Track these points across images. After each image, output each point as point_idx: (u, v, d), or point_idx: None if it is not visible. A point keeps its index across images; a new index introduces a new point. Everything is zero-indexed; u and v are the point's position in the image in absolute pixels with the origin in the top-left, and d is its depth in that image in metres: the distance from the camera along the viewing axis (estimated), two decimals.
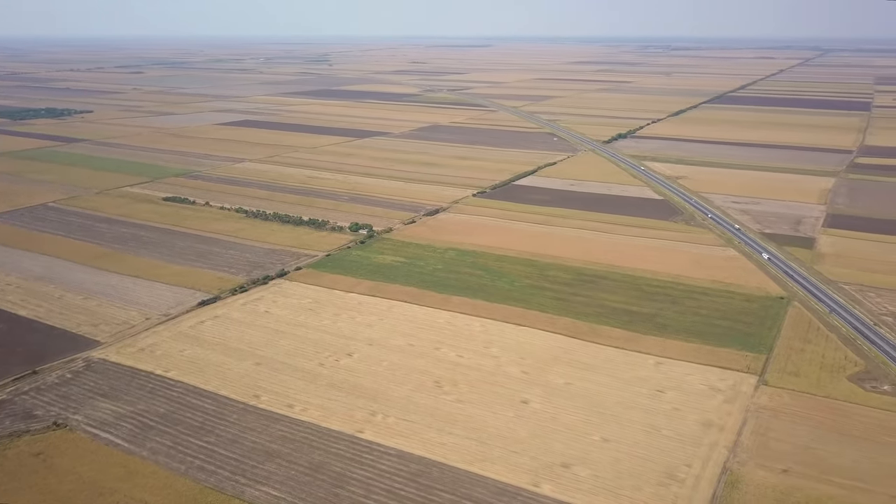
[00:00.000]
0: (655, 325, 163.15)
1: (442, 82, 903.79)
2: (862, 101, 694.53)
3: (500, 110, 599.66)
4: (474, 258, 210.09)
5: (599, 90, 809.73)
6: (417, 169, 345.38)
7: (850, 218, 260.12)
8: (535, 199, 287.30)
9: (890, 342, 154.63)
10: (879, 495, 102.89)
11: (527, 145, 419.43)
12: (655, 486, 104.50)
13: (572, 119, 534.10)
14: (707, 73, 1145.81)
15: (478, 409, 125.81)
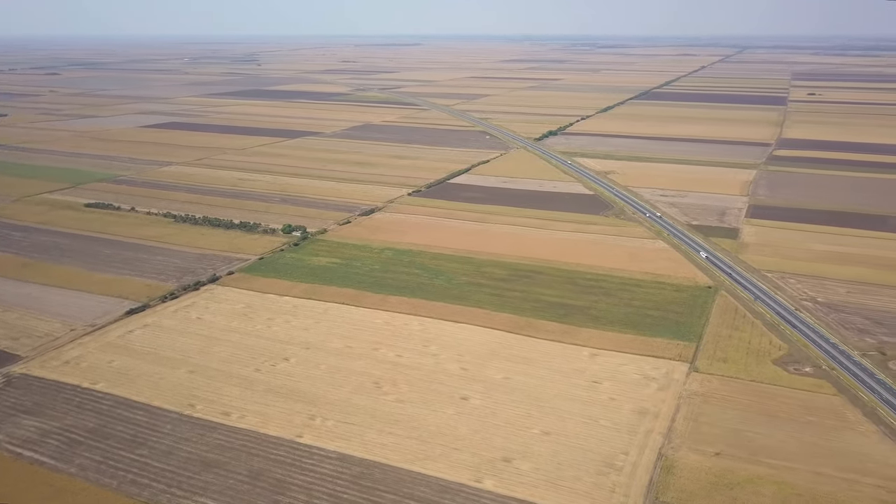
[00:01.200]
0: (590, 317, 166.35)
1: (373, 81, 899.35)
2: (778, 95, 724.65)
3: (433, 109, 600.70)
4: (411, 257, 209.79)
5: (530, 88, 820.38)
6: (351, 169, 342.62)
7: (770, 208, 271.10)
8: (469, 196, 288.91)
9: (810, 326, 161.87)
10: (804, 472, 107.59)
11: (460, 144, 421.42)
12: (595, 476, 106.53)
13: (504, 117, 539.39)
14: (633, 70, 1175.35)
15: (418, 407, 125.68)
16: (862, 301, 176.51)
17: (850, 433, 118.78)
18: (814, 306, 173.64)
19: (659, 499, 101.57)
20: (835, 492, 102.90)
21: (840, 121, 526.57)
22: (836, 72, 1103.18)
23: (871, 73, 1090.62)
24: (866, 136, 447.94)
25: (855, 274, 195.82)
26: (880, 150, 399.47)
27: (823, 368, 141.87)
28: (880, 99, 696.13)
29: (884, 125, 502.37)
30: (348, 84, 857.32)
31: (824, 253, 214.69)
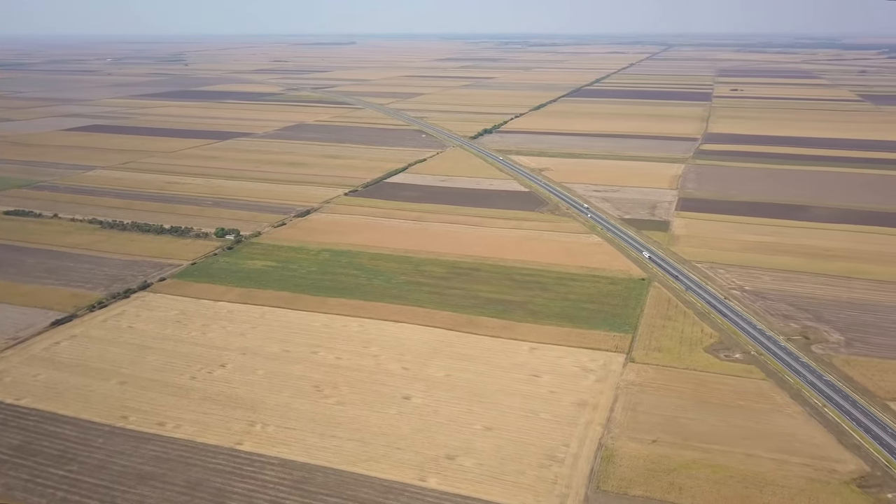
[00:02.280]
0: (529, 312, 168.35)
1: (305, 81, 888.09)
2: (703, 91, 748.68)
3: (367, 108, 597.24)
4: (349, 258, 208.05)
5: (464, 86, 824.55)
6: (285, 169, 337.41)
7: (698, 201, 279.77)
8: (406, 195, 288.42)
9: (739, 314, 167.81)
10: (736, 455, 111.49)
11: (396, 143, 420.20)
12: (537, 469, 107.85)
13: (439, 116, 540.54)
14: (563, 67, 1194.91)
15: (359, 409, 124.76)
16: (787, 288, 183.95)
17: (778, 415, 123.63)
18: (742, 295, 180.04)
19: (600, 488, 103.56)
20: (765, 472, 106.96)
21: (761, 115, 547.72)
22: (756, 68, 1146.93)
23: (788, 69, 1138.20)
24: (786, 130, 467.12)
25: (780, 262, 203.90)
26: (800, 142, 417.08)
27: (752, 354, 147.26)
28: (798, 94, 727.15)
29: (802, 119, 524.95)
30: (280, 84, 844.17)
31: (751, 243, 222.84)
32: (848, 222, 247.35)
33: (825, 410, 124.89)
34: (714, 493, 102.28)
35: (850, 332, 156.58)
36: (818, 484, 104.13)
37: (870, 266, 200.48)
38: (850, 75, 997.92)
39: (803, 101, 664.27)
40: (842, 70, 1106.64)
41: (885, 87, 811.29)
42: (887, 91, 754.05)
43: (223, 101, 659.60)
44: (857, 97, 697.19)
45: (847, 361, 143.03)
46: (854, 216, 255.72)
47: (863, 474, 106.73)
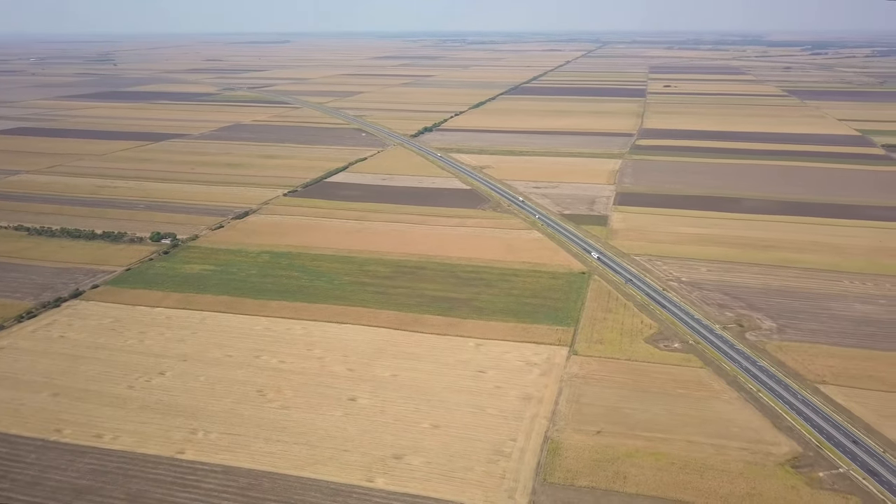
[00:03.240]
0: (473, 308, 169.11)
1: (241, 80, 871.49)
2: (638, 88, 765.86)
3: (305, 107, 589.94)
4: (290, 259, 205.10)
5: (403, 84, 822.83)
6: (222, 171, 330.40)
7: (635, 195, 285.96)
8: (348, 195, 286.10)
9: (677, 304, 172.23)
10: (677, 442, 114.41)
11: (336, 142, 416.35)
12: (485, 464, 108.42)
13: (379, 114, 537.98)
14: (502, 65, 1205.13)
15: (305, 412, 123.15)
16: (721, 278, 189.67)
17: (716, 402, 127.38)
18: (679, 285, 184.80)
19: (547, 480, 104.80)
20: (705, 457, 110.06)
21: (693, 111, 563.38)
22: (687, 65, 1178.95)
23: (718, 65, 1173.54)
24: (718, 125, 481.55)
25: (714, 253, 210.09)
26: (731, 137, 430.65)
27: (690, 343, 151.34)
28: (728, 90, 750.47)
29: (733, 114, 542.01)
30: (215, 83, 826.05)
31: (686, 235, 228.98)
32: (778, 213, 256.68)
33: (760, 395, 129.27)
34: (657, 480, 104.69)
35: (781, 319, 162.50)
36: (755, 467, 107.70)
37: (799, 255, 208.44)
38: (777, 71, 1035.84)
39: (733, 96, 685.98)
40: (768, 66, 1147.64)
41: (809, 82, 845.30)
42: (811, 86, 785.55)
43: (156, 101, 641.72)
44: (784, 92, 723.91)
45: (779, 347, 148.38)
46: (784, 207, 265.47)
47: (796, 455, 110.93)
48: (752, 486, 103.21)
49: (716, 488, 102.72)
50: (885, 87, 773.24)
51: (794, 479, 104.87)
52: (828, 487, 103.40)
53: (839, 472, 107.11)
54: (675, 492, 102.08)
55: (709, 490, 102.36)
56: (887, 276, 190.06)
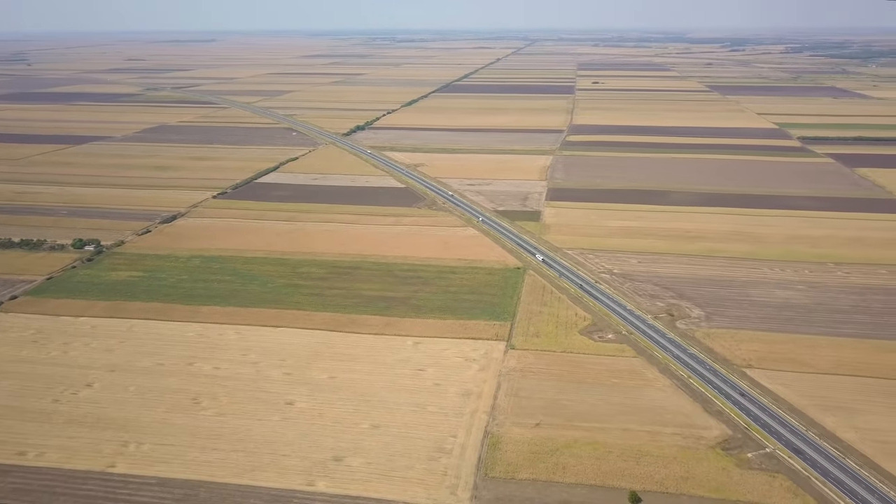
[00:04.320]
0: (411, 307, 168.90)
1: (165, 80, 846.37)
2: (567, 85, 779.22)
3: (234, 107, 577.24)
4: (222, 263, 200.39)
5: (334, 83, 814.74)
6: (147, 174, 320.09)
7: (567, 190, 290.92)
8: (280, 195, 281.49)
9: (609, 296, 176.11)
10: (614, 430, 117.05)
11: (266, 142, 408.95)
12: (426, 462, 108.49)
13: (310, 113, 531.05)
14: (432, 63, 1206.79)
15: (241, 419, 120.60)
16: (652, 269, 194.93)
17: (649, 390, 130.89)
18: (611, 277, 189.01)
19: (488, 475, 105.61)
20: (641, 444, 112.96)
21: (621, 106, 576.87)
22: (614, 62, 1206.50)
23: (643, 62, 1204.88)
24: (644, 120, 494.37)
25: (644, 245, 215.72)
26: (657, 131, 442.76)
27: (623, 334, 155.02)
28: (653, 86, 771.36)
29: (658, 109, 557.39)
30: (137, 84, 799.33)
31: (617, 228, 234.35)
32: (702, 205, 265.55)
33: (691, 382, 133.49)
34: (595, 468, 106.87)
35: (709, 307, 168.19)
36: (688, 451, 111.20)
37: (723, 245, 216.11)
38: (698, 68, 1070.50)
39: (658, 92, 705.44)
40: (690, 63, 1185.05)
41: (729, 78, 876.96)
42: (731, 82, 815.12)
43: (74, 102, 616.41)
44: (706, 88, 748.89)
45: (708, 334, 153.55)
46: (707, 199, 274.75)
47: (726, 438, 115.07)
48: (685, 469, 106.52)
49: (652, 473, 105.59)
50: (799, 83, 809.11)
51: (724, 461, 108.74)
52: (756, 467, 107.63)
53: (766, 452, 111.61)
54: (614, 479, 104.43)
55: (645, 475, 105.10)
56: (804, 263, 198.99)
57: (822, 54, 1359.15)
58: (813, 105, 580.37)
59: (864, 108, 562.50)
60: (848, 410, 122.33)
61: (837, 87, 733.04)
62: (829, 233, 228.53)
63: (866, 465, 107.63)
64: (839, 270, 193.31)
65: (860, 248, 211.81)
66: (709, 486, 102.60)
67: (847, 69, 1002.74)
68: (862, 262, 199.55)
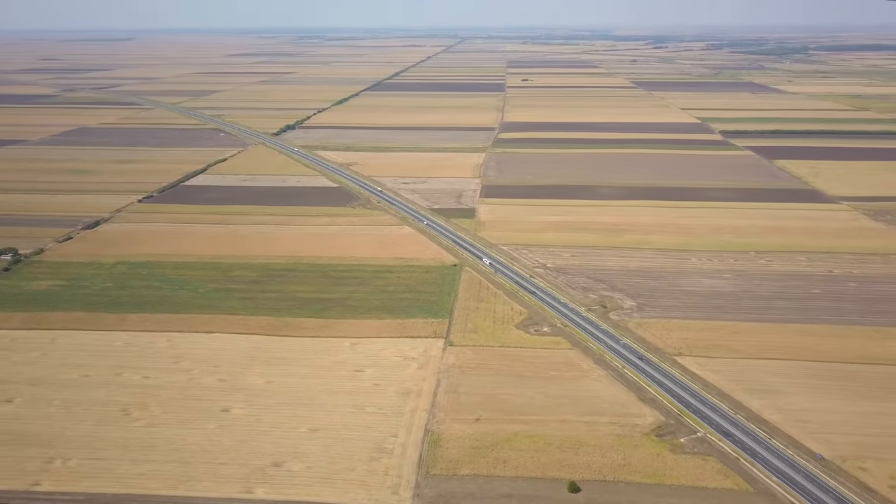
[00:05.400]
0: (348, 308, 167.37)
1: (83, 80, 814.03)
2: (497, 83, 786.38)
3: (158, 108, 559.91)
4: (149, 269, 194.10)
5: (262, 82, 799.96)
6: (67, 178, 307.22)
7: (500, 187, 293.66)
8: (209, 198, 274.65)
9: (543, 290, 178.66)
10: (552, 422, 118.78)
11: (193, 143, 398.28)
12: (367, 463, 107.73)
13: (238, 113, 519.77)
14: (363, 61, 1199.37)
15: (175, 429, 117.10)
16: (584, 263, 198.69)
17: (585, 381, 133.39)
18: (545, 272, 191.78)
19: (430, 473, 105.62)
20: (579, 435, 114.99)
21: (550, 103, 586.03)
22: (542, 59, 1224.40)
23: (571, 59, 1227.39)
24: (573, 116, 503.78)
25: (576, 239, 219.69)
26: (586, 127, 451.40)
27: (558, 326, 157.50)
28: (581, 82, 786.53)
29: (586, 105, 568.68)
30: (53, 84, 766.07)
31: (549, 223, 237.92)
32: (631, 198, 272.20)
33: (625, 371, 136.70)
34: (535, 461, 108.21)
35: (640, 298, 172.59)
36: (624, 439, 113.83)
37: (652, 237, 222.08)
38: (624, 64, 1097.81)
39: (586, 88, 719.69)
40: (616, 60, 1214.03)
41: (654, 74, 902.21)
42: (656, 78, 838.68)
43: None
44: (632, 84, 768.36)
45: (640, 324, 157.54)
46: (636, 192, 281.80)
47: (660, 424, 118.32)
48: (622, 456, 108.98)
49: (590, 463, 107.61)
50: (719, 78, 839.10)
51: (659, 447, 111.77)
52: (689, 451, 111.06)
53: (698, 436, 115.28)
54: (554, 471, 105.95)
55: (584, 465, 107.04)
56: (729, 252, 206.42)
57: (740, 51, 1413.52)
58: (733, 100, 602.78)
59: (780, 102, 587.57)
60: (773, 393, 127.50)
61: (755, 83, 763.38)
62: (752, 223, 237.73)
63: (791, 444, 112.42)
64: (762, 259, 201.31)
65: (780, 237, 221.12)
66: (645, 473, 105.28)
67: (763, 65, 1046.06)
68: (782, 249, 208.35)
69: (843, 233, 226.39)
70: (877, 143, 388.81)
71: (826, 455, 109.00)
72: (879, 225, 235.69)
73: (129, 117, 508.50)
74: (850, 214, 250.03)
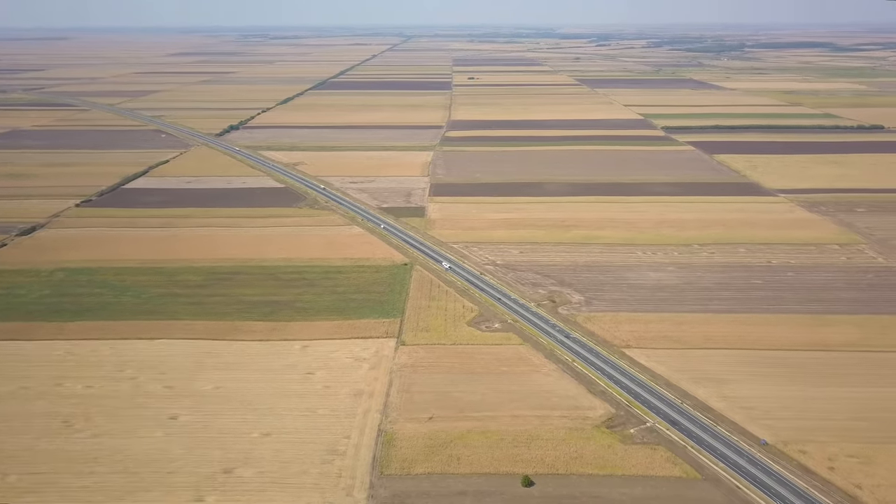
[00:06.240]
0: (297, 310, 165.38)
1: (14, 81, 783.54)
2: (444, 81, 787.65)
3: (95, 109, 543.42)
4: (90, 275, 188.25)
5: (204, 82, 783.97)
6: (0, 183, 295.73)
7: (449, 185, 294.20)
8: (150, 201, 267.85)
9: (494, 287, 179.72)
10: (504, 418, 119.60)
11: (133, 145, 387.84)
12: (320, 466, 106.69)
13: (179, 113, 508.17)
14: (308, 60, 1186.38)
15: (120, 438, 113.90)
16: (533, 259, 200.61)
17: (536, 375, 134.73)
18: (495, 269, 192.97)
19: (384, 473, 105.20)
20: (531, 429, 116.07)
21: (497, 101, 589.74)
22: (488, 57, 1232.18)
23: (516, 57, 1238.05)
24: (519, 114, 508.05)
25: (524, 236, 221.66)
26: (532, 125, 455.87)
27: (509, 322, 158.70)
28: (526, 80, 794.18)
29: (532, 103, 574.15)
30: None
31: (498, 221, 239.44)
32: (577, 194, 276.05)
33: (575, 365, 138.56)
34: (489, 457, 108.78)
35: (588, 292, 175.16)
36: (575, 432, 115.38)
37: (598, 232, 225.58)
38: (568, 62, 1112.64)
39: (531, 86, 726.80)
40: (560, 57, 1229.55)
41: (597, 71, 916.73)
42: (599, 75, 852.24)
43: None
44: (576, 81, 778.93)
45: (588, 318, 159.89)
46: (581, 188, 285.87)
47: (610, 416, 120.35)
48: (574, 449, 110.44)
49: (542, 456, 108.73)
50: (661, 75, 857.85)
51: (609, 439, 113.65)
52: (638, 441, 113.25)
53: (647, 426, 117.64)
54: (507, 466, 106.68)
55: (536, 459, 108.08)
56: (673, 246, 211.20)
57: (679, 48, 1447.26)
58: (674, 96, 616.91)
59: (719, 98, 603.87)
60: (717, 381, 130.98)
61: (695, 80, 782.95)
62: (694, 216, 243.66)
63: (736, 430, 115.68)
64: (704, 251, 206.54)
65: (721, 229, 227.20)
66: (596, 464, 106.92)
67: (702, 62, 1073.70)
68: (724, 242, 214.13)
69: (780, 224, 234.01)
70: (809, 137, 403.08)
71: (769, 440, 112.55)
72: (814, 216, 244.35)
73: (65, 119, 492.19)
74: (787, 206, 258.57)
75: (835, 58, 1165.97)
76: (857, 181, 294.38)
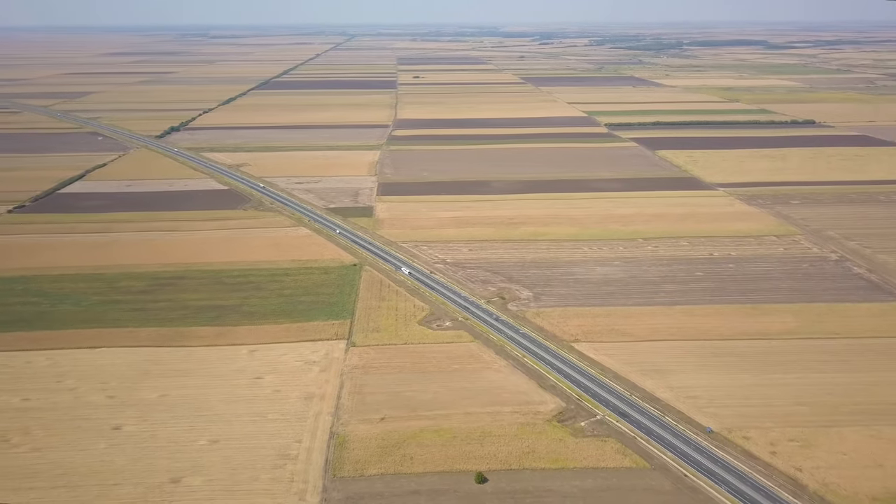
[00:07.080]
0: (244, 314, 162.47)
1: None
2: (389, 80, 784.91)
3: (27, 111, 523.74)
4: (25, 284, 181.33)
5: (142, 82, 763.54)
6: None
7: (397, 185, 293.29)
8: (88, 206, 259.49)
9: (444, 285, 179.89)
10: (457, 416, 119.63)
11: (68, 148, 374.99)
12: (271, 471, 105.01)
13: (116, 115, 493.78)
14: (250, 59, 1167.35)
15: (61, 451, 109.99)
16: (481, 256, 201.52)
17: (488, 372, 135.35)
18: (444, 267, 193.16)
19: (337, 475, 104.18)
20: (483, 426, 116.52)
21: (442, 100, 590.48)
22: (432, 56, 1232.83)
23: (460, 56, 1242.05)
24: (465, 112, 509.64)
25: (473, 234, 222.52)
26: (478, 123, 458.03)
27: (460, 320, 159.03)
28: (471, 79, 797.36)
29: (477, 102, 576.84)
30: None
31: (447, 219, 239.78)
32: (523, 192, 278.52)
33: (525, 360, 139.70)
34: (442, 455, 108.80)
35: (537, 288, 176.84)
36: (527, 427, 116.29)
37: (545, 228, 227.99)
38: (512, 60, 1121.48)
39: (477, 85, 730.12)
40: (505, 56, 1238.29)
41: (541, 69, 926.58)
42: (543, 74, 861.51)
43: None
44: (520, 80, 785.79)
45: (538, 314, 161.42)
46: (528, 186, 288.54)
47: (561, 410, 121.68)
48: (526, 444, 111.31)
49: (495, 452, 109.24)
50: (603, 73, 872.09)
51: (560, 432, 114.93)
52: (589, 434, 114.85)
53: (597, 419, 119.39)
54: (460, 463, 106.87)
55: (489, 455, 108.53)
56: (618, 241, 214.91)
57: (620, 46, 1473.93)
58: (616, 94, 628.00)
59: (659, 95, 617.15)
60: (663, 372, 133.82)
61: (636, 77, 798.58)
62: (638, 211, 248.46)
63: (682, 420, 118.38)
64: (648, 245, 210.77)
65: (664, 224, 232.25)
66: (548, 459, 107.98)
67: (643, 60, 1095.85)
68: (667, 235, 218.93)
69: (720, 217, 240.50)
70: (746, 133, 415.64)
71: (714, 428, 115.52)
72: (752, 209, 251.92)
73: None
74: (726, 200, 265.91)
75: (769, 55, 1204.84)
76: (791, 174, 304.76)
